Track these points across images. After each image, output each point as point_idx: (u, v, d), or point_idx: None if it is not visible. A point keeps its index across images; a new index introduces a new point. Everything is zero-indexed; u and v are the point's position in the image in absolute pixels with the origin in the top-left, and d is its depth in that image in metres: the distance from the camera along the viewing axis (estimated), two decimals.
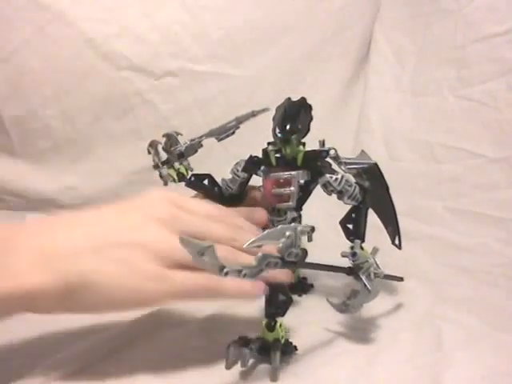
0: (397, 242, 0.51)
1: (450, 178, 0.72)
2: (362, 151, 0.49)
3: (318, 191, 0.47)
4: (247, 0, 0.78)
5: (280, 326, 0.42)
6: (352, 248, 0.43)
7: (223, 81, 0.77)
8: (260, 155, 0.47)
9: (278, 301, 0.43)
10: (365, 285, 0.42)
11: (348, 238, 0.46)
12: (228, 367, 0.39)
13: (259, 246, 0.35)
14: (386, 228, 0.50)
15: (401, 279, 0.51)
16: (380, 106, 0.84)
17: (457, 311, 0.50)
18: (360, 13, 0.86)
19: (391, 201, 0.49)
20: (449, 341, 0.45)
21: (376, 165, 0.48)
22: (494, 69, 0.69)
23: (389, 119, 0.82)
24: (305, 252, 0.39)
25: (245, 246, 0.34)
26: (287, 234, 0.36)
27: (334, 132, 0.83)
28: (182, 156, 0.48)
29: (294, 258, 0.38)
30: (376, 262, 0.43)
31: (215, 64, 0.76)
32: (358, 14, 0.86)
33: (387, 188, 0.49)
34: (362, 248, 0.44)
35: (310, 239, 0.55)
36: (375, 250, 0.43)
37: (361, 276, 0.42)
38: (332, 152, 0.44)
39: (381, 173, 0.48)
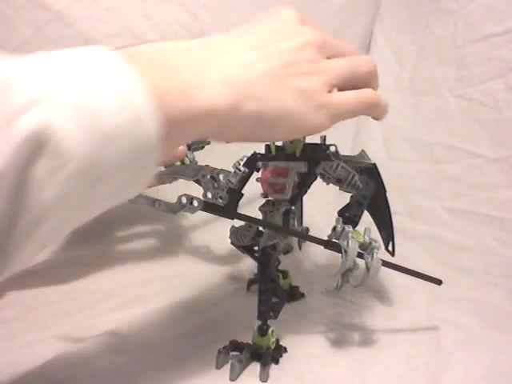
0: (390, 248, 0.50)
1: (450, 177, 0.72)
2: (362, 151, 0.49)
3: (317, 190, 0.47)
4: (247, 0, 0.78)
5: (272, 332, 0.42)
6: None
7: None
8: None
9: (271, 303, 0.43)
10: (345, 250, 0.41)
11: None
12: (219, 368, 0.41)
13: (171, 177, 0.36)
14: (380, 232, 0.50)
15: (439, 282, 0.48)
16: None
17: (455, 311, 0.50)
18: (360, 13, 0.86)
19: (388, 205, 0.49)
20: (447, 341, 0.45)
21: (375, 166, 0.47)
22: (493, 69, 0.69)
23: (388, 119, 0.81)
24: (234, 200, 0.40)
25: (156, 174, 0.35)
26: (202, 172, 0.38)
27: (333, 131, 0.82)
28: (189, 149, 0.49)
29: (221, 202, 0.38)
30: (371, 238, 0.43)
31: None
32: (357, 13, 0.86)
33: (384, 191, 0.48)
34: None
35: (300, 247, 0.55)
36: (368, 230, 0.44)
37: (340, 243, 0.42)
38: (332, 148, 0.44)
39: (379, 175, 0.47)
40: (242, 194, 0.44)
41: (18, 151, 0.21)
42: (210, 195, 0.38)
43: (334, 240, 0.43)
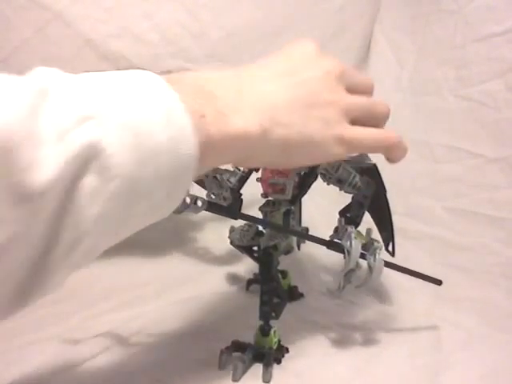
0: (390, 248, 0.50)
1: (450, 177, 0.72)
2: None
3: (317, 190, 0.47)
4: (247, 0, 0.78)
5: (274, 332, 0.42)
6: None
7: None
8: None
9: (273, 303, 0.43)
10: (347, 251, 0.41)
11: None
12: (221, 369, 0.41)
13: None
14: (380, 232, 0.50)
15: (439, 282, 0.48)
16: None
17: (456, 311, 0.50)
18: (360, 13, 0.86)
19: (388, 205, 0.49)
20: (448, 341, 0.45)
21: (375, 166, 0.47)
22: (493, 69, 0.69)
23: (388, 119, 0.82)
24: (238, 200, 0.40)
25: None
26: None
27: None
28: None
29: (223, 201, 0.38)
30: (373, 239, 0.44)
31: (215, 64, 0.76)
32: (357, 13, 0.86)
33: (385, 192, 0.48)
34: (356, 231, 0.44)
35: (298, 248, 0.55)
36: (370, 231, 0.44)
37: (343, 243, 0.42)
38: None
39: (379, 175, 0.47)
40: (241, 194, 0.44)
41: (68, 164, 0.21)
42: (213, 195, 0.38)
43: (336, 240, 0.43)
